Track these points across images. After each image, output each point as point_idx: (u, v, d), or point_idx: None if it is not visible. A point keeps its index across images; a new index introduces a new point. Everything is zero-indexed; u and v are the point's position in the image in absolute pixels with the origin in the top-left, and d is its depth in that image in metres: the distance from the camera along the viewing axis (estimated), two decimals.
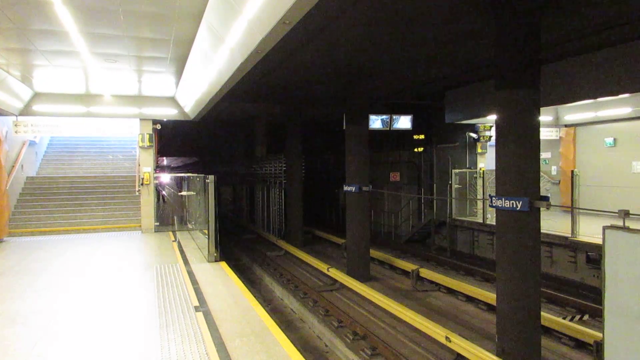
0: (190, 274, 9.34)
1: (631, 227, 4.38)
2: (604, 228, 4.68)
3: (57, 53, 9.72)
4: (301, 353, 5.54)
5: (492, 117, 14.83)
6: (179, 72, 11.65)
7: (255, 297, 7.89)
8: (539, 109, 7.58)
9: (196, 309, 7.10)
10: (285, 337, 6.01)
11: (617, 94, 10.74)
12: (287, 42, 6.70)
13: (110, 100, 14.76)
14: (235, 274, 9.58)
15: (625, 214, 5.25)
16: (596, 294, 11.06)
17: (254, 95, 14.74)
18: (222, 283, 8.75)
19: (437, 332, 8.20)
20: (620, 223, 4.79)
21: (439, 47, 10.40)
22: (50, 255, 11.47)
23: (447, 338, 7.88)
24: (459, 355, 7.79)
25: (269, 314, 7.00)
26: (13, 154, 15.29)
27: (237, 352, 5.50)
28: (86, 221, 15.30)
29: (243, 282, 8.98)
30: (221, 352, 5.46)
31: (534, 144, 7.47)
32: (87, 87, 13.61)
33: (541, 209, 7.49)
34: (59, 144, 19.63)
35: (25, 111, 14.08)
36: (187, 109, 14.81)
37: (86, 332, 6.21)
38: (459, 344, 7.65)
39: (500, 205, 7.59)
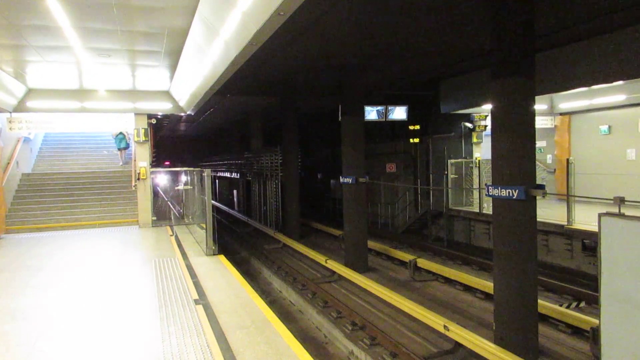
0: (189, 268, 9.36)
1: (626, 214, 4.43)
2: (600, 215, 4.72)
3: (51, 48, 9.64)
4: (301, 344, 5.57)
5: (488, 107, 14.82)
6: (173, 66, 11.59)
7: (254, 289, 7.92)
8: (534, 98, 7.61)
9: (196, 301, 7.12)
10: (285, 328, 6.04)
11: (612, 81, 10.74)
12: (281, 34, 6.68)
13: (104, 95, 14.67)
14: (234, 267, 9.60)
15: (621, 201, 5.30)
16: (592, 281, 11.15)
17: (249, 88, 14.70)
18: (221, 276, 8.77)
19: (435, 321, 8.26)
20: (615, 210, 4.84)
21: (434, 36, 10.39)
22: (48, 251, 11.45)
23: (445, 327, 7.95)
24: (457, 343, 7.86)
25: (268, 306, 7.03)
26: (8, 151, 15.21)
27: (237, 343, 5.53)
28: (83, 217, 15.26)
29: (241, 275, 9.01)
30: (222, 344, 5.49)
31: (530, 132, 7.51)
32: (81, 82, 13.52)
33: (537, 197, 7.54)
34: (53, 140, 19.52)
35: (19, 107, 13.97)
36: (182, 103, 14.75)
37: (87, 327, 6.22)
38: (458, 332, 7.71)
39: (497, 195, 7.63)
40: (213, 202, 11.27)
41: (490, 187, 7.79)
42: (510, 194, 7.41)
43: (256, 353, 5.27)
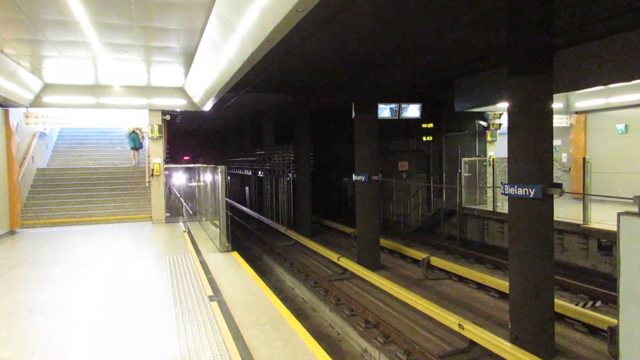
0: (203, 264, 9.39)
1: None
2: (619, 214, 4.65)
3: (68, 44, 9.71)
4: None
5: (502, 105, 14.71)
6: (188, 62, 11.62)
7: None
8: (552, 96, 7.52)
9: (210, 298, 7.14)
10: (301, 325, 6.04)
11: (629, 80, 10.59)
12: (298, 30, 6.65)
13: (119, 91, 14.76)
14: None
15: None
16: (608, 280, 11.05)
17: (263, 85, 14.69)
18: (235, 273, 8.79)
19: (450, 319, 8.21)
20: (634, 209, 4.76)
21: (450, 34, 10.32)
22: (63, 246, 11.57)
23: (460, 325, 7.90)
24: (472, 342, 7.81)
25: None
26: (24, 146, 15.38)
27: (253, 340, 5.53)
28: (97, 212, 15.39)
29: (254, 271, 9.03)
30: (238, 341, 5.49)
31: (547, 131, 7.42)
32: (97, 78, 13.61)
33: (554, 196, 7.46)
34: (68, 135, 19.71)
35: (36, 102, 14.10)
36: (196, 99, 14.79)
37: (104, 322, 6.26)
38: (473, 331, 7.65)
39: (513, 193, 7.56)
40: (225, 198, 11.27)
41: (506, 186, 7.71)
42: (527, 193, 7.33)
43: (272, 350, 5.27)
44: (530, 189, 7.29)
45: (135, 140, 17.43)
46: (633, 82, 11.43)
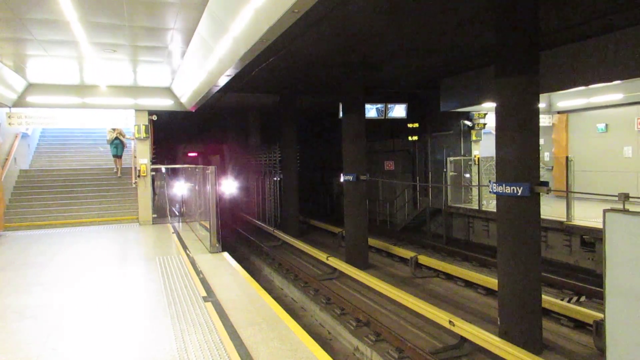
0: (194, 265, 9.35)
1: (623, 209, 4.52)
2: (605, 211, 4.81)
3: (56, 43, 9.55)
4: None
5: (487, 105, 14.93)
6: (177, 63, 11.56)
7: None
8: (539, 96, 7.71)
9: (204, 299, 7.12)
10: (297, 324, 6.09)
11: (611, 80, 10.86)
12: (291, 31, 6.68)
13: (105, 91, 14.58)
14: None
15: (625, 197, 5.40)
16: (591, 276, 11.32)
17: (251, 85, 14.69)
18: (227, 273, 8.80)
19: (440, 316, 8.34)
20: (619, 206, 4.93)
21: (438, 35, 10.46)
22: (49, 248, 11.39)
23: (450, 322, 8.03)
24: (462, 338, 7.94)
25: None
26: (6, 147, 15.09)
27: (250, 339, 5.55)
28: (82, 214, 15.16)
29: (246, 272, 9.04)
30: (235, 340, 5.50)
31: (534, 130, 7.62)
32: (83, 78, 13.41)
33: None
34: (51, 136, 19.37)
35: (19, 102, 13.83)
36: (184, 100, 14.70)
37: (98, 325, 6.20)
38: (463, 327, 7.79)
39: (501, 191, 7.72)
40: None
41: (494, 184, 7.88)
42: (515, 191, 7.50)
43: (270, 349, 5.30)
44: (518, 187, 7.46)
45: (118, 147, 16.23)
46: (613, 82, 11.74)
